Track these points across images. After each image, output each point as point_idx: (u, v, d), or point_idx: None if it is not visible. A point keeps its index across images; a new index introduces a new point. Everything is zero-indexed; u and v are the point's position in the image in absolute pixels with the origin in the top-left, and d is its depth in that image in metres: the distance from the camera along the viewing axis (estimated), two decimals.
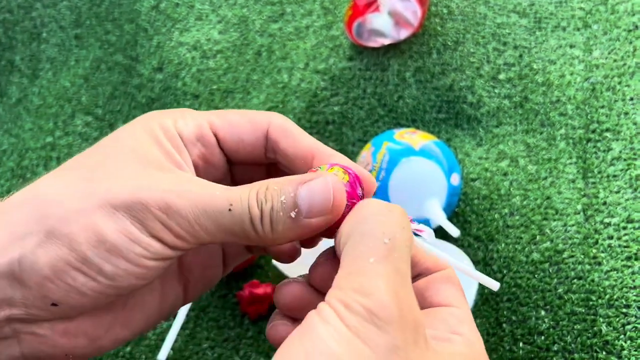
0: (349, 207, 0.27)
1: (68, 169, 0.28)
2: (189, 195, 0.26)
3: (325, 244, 0.30)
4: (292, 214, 0.26)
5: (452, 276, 0.29)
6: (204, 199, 0.26)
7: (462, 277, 0.45)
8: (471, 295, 0.47)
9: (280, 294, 0.28)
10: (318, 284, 0.28)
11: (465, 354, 0.25)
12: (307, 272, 0.29)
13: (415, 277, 0.29)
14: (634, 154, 0.50)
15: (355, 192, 0.28)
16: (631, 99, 0.52)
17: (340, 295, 0.23)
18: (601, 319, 0.45)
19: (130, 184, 0.26)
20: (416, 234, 0.29)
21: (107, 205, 0.25)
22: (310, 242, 0.31)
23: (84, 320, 0.27)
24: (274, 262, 0.49)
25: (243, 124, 0.30)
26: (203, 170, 0.30)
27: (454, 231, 0.46)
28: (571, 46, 0.56)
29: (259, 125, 0.30)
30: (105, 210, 0.25)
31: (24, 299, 0.25)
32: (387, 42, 0.57)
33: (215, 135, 0.30)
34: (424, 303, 0.28)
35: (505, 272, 0.48)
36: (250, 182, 0.28)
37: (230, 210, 0.26)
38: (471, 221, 0.51)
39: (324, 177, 0.27)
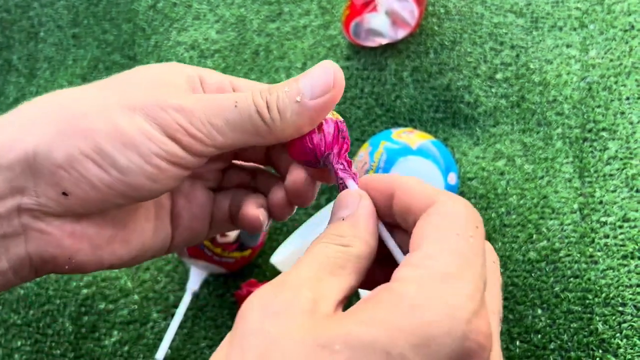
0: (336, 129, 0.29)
1: (87, 86, 0.29)
2: (201, 98, 0.28)
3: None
4: (298, 98, 0.27)
5: (434, 211, 0.24)
6: (214, 101, 0.27)
7: None
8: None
9: None
10: None
11: (386, 304, 0.21)
12: None
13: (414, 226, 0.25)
14: (630, 154, 0.50)
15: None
16: (627, 98, 0.53)
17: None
18: (597, 318, 0.45)
19: (149, 92, 0.27)
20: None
21: (126, 106, 0.26)
22: (322, 176, 0.31)
23: (89, 225, 0.28)
24: (272, 261, 0.49)
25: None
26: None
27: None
28: (568, 46, 0.56)
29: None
30: (123, 110, 0.26)
31: (36, 187, 0.26)
32: (384, 41, 0.57)
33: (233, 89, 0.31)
34: None
35: (502, 270, 0.48)
36: (248, 157, 0.31)
37: (236, 106, 0.27)
38: None
39: (321, 63, 0.28)
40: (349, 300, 0.24)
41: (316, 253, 0.24)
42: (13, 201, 0.26)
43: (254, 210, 0.32)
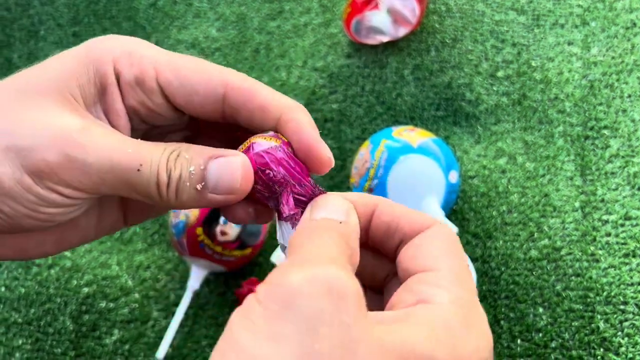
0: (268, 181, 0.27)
1: None
2: (98, 148, 0.25)
3: None
4: (199, 187, 0.26)
5: (434, 234, 0.25)
6: (113, 154, 0.25)
7: None
8: None
9: None
10: None
11: (431, 323, 0.22)
12: None
13: (398, 245, 0.26)
14: (632, 151, 0.50)
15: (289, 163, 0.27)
16: (629, 96, 0.52)
17: None
18: (599, 316, 0.45)
19: (37, 129, 0.25)
20: None
21: (10, 149, 0.24)
22: (265, 218, 0.29)
23: (9, 237, 0.27)
24: (273, 259, 0.49)
25: (195, 84, 0.28)
26: (146, 116, 0.29)
27: (452, 229, 0.46)
28: (569, 43, 0.56)
29: (214, 89, 0.28)
30: (6, 154, 0.24)
31: None
32: (385, 39, 0.57)
33: (162, 87, 0.28)
34: (403, 276, 0.25)
35: (503, 269, 0.48)
36: (216, 142, 0.27)
37: (139, 170, 0.25)
38: (469, 219, 0.51)
39: (236, 156, 0.26)
40: None
41: (337, 244, 0.24)
42: None
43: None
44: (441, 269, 0.24)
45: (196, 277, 0.50)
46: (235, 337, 0.20)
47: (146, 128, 0.30)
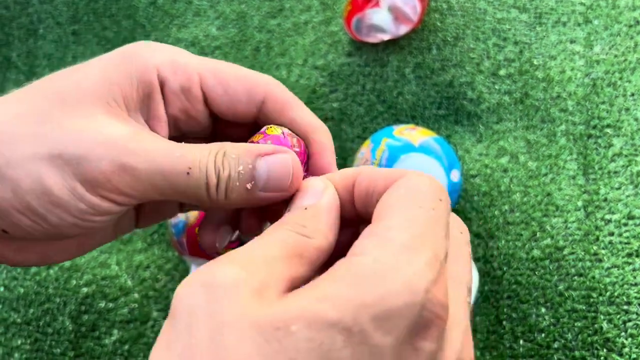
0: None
1: (32, 94, 0.26)
2: (147, 155, 0.25)
3: None
4: (249, 186, 0.26)
5: (400, 184, 0.24)
6: (162, 159, 0.25)
7: None
8: (471, 292, 0.46)
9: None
10: None
11: (334, 279, 0.20)
12: None
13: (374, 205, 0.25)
14: (635, 150, 0.50)
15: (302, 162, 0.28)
16: (632, 94, 0.52)
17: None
18: (602, 316, 0.45)
19: (86, 137, 0.25)
20: None
21: (58, 157, 0.24)
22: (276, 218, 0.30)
23: (38, 243, 0.27)
24: None
25: (239, 92, 0.29)
26: (183, 123, 0.30)
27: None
28: (572, 42, 0.55)
29: (256, 96, 0.29)
30: (54, 162, 0.24)
31: None
32: (386, 37, 0.57)
33: (205, 94, 0.29)
34: None
35: (505, 269, 0.48)
36: (231, 139, 0.27)
37: (188, 174, 0.25)
38: (471, 218, 0.50)
39: (283, 152, 0.26)
40: None
41: (274, 236, 0.23)
42: None
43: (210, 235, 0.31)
44: (384, 218, 0.22)
45: None
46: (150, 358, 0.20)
47: (178, 135, 0.30)
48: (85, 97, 0.26)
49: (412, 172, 0.24)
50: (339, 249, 0.25)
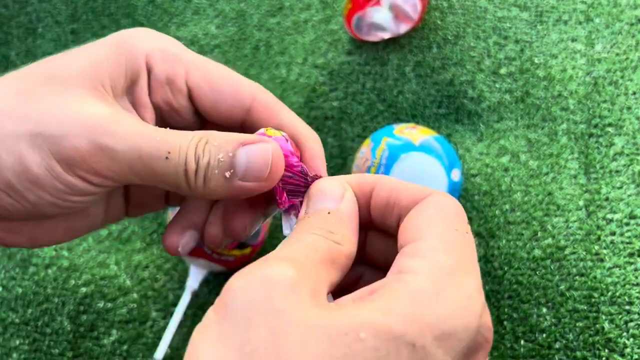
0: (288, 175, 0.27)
1: (24, 75, 0.27)
2: (126, 136, 0.25)
3: None
4: (227, 174, 0.26)
5: (428, 203, 0.24)
6: (142, 141, 0.25)
7: None
8: None
9: None
10: None
11: (393, 294, 0.21)
12: None
13: (398, 221, 0.25)
14: (637, 149, 0.50)
15: (291, 160, 0.28)
16: (634, 93, 0.52)
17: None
18: (604, 317, 0.44)
19: (67, 117, 0.25)
20: None
21: (37, 135, 0.24)
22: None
23: (26, 224, 0.28)
24: None
25: (225, 93, 0.29)
26: (167, 114, 0.30)
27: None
28: (573, 40, 0.55)
29: (243, 99, 0.29)
30: (33, 141, 0.24)
31: None
32: (386, 36, 0.56)
33: (190, 90, 0.29)
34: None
35: (506, 269, 0.48)
36: None
37: (167, 158, 0.25)
38: (472, 217, 0.50)
39: (265, 142, 0.26)
40: None
41: (310, 243, 0.23)
42: None
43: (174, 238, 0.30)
44: (425, 238, 0.23)
45: (195, 276, 0.49)
46: (193, 348, 0.20)
47: (164, 127, 0.30)
48: (72, 79, 0.26)
49: (437, 192, 0.25)
50: None
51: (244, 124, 0.30)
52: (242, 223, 0.29)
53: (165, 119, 0.30)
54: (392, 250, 0.26)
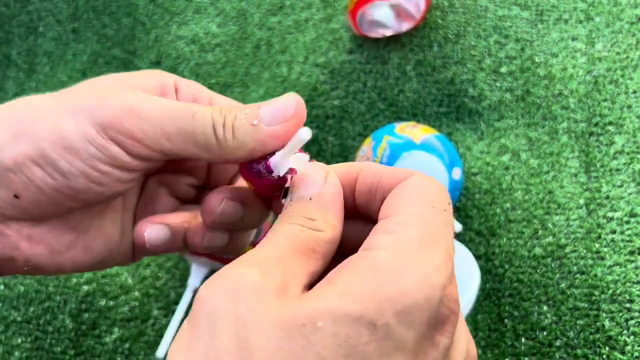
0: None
1: (52, 93, 0.29)
2: (157, 101, 0.27)
3: None
4: (255, 122, 0.27)
5: (407, 184, 0.24)
6: (170, 105, 0.27)
7: (463, 266, 0.44)
8: (473, 290, 0.46)
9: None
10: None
11: (354, 272, 0.20)
12: None
13: (381, 205, 0.25)
14: (637, 148, 0.50)
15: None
16: (634, 92, 0.52)
17: None
18: (604, 314, 0.44)
19: (105, 91, 0.27)
20: None
21: (74, 109, 0.26)
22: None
23: (48, 230, 0.29)
24: None
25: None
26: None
27: (455, 226, 0.46)
28: (573, 39, 0.55)
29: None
30: (70, 113, 0.26)
31: None
32: (388, 33, 0.57)
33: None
34: None
35: (507, 267, 0.48)
36: (223, 175, 0.32)
37: (193, 117, 0.27)
38: (473, 216, 0.50)
39: (287, 94, 0.28)
40: None
41: (285, 233, 0.23)
42: None
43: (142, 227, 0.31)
44: (398, 214, 0.22)
45: (196, 275, 0.50)
46: (170, 357, 0.20)
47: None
48: (111, 83, 0.29)
49: (418, 173, 0.25)
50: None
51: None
52: (215, 199, 0.30)
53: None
54: None
